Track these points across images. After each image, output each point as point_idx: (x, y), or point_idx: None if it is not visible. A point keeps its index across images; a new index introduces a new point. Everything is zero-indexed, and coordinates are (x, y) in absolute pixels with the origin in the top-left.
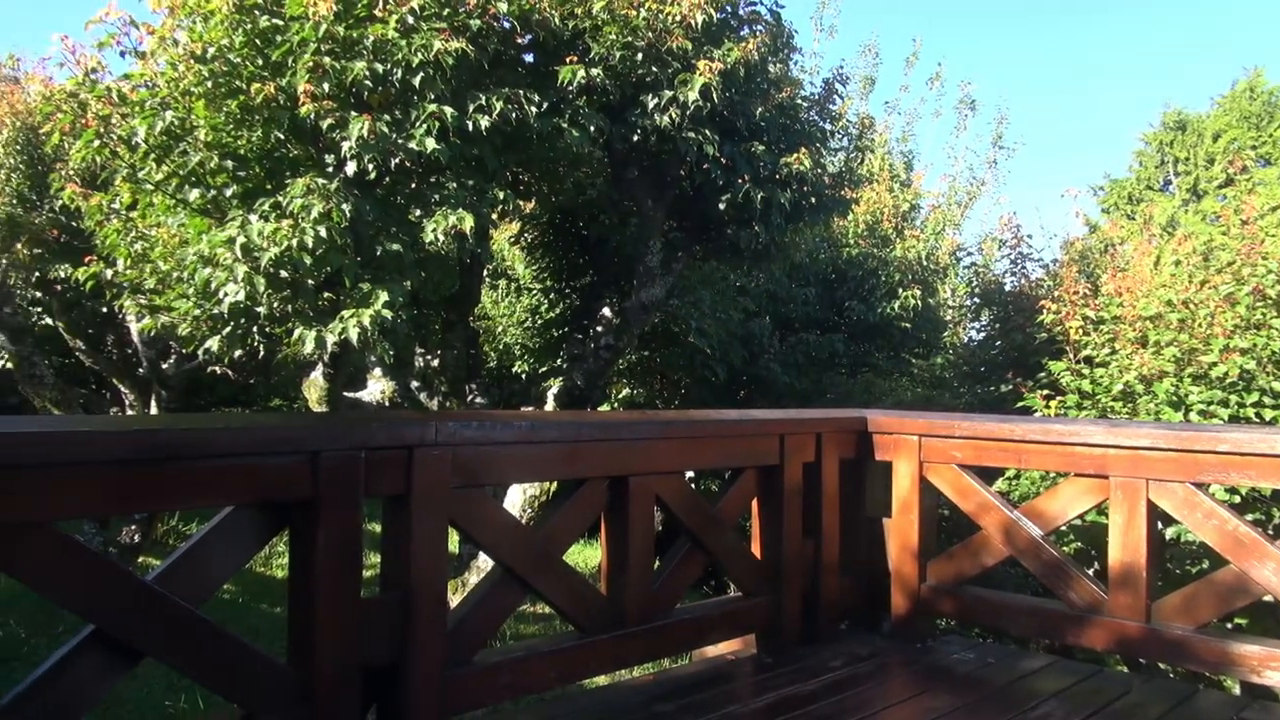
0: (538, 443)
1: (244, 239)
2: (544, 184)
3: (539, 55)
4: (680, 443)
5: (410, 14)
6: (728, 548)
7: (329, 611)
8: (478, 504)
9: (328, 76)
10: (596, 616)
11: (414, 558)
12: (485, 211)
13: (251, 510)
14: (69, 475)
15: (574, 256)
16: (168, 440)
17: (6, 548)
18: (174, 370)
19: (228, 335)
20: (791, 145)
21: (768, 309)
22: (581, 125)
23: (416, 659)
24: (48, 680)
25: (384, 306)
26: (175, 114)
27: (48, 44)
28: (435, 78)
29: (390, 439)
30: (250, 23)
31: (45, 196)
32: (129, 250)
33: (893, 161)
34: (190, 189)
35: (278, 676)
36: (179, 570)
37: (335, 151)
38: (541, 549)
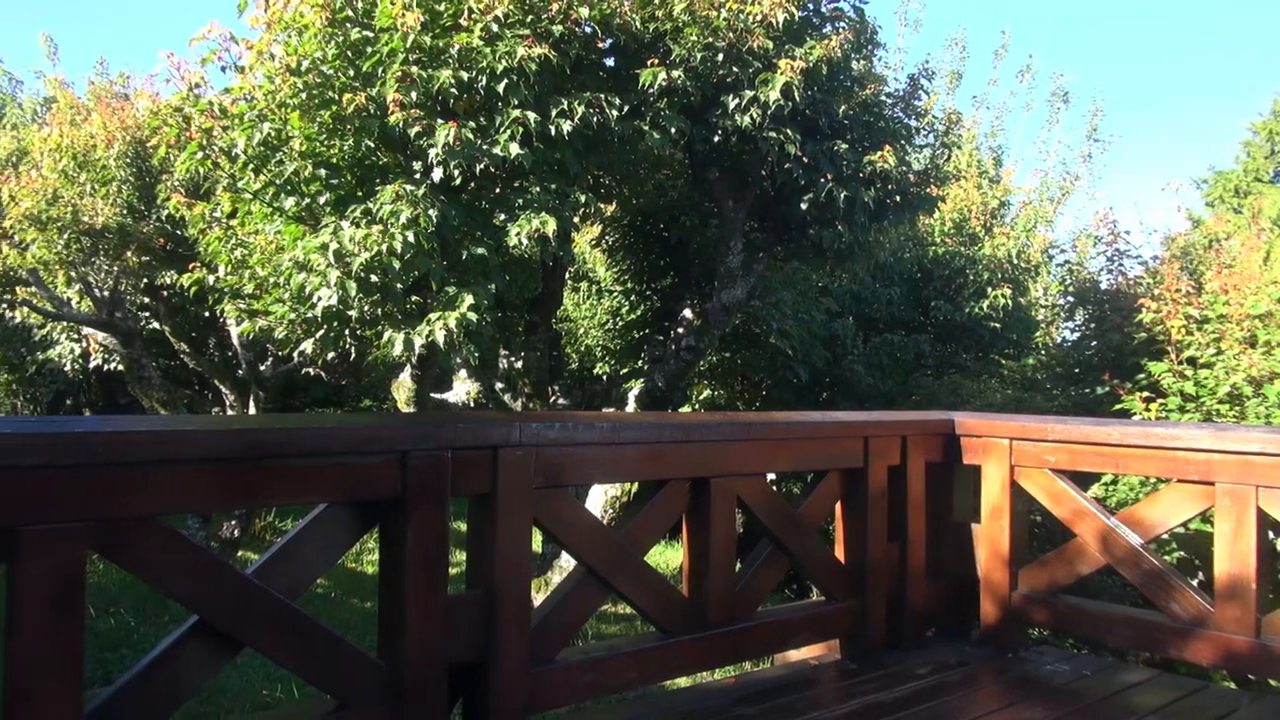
0: (619, 444)
1: (336, 245)
2: (625, 186)
3: (620, 59)
4: (762, 444)
5: (494, 22)
6: (810, 551)
7: (417, 608)
8: (560, 504)
9: (415, 85)
10: (678, 618)
11: (499, 556)
12: (567, 215)
13: (344, 508)
14: (175, 472)
15: (655, 258)
16: (265, 439)
17: (118, 540)
18: (271, 372)
19: (321, 338)
20: (875, 143)
21: (851, 309)
22: (662, 127)
23: (501, 656)
24: (156, 667)
25: (469, 309)
26: (272, 125)
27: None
28: (518, 84)
29: (476, 439)
30: (342, 35)
31: (153, 207)
32: (229, 257)
33: (981, 157)
34: (286, 197)
35: (368, 670)
36: (276, 564)
37: (423, 158)
38: (623, 549)
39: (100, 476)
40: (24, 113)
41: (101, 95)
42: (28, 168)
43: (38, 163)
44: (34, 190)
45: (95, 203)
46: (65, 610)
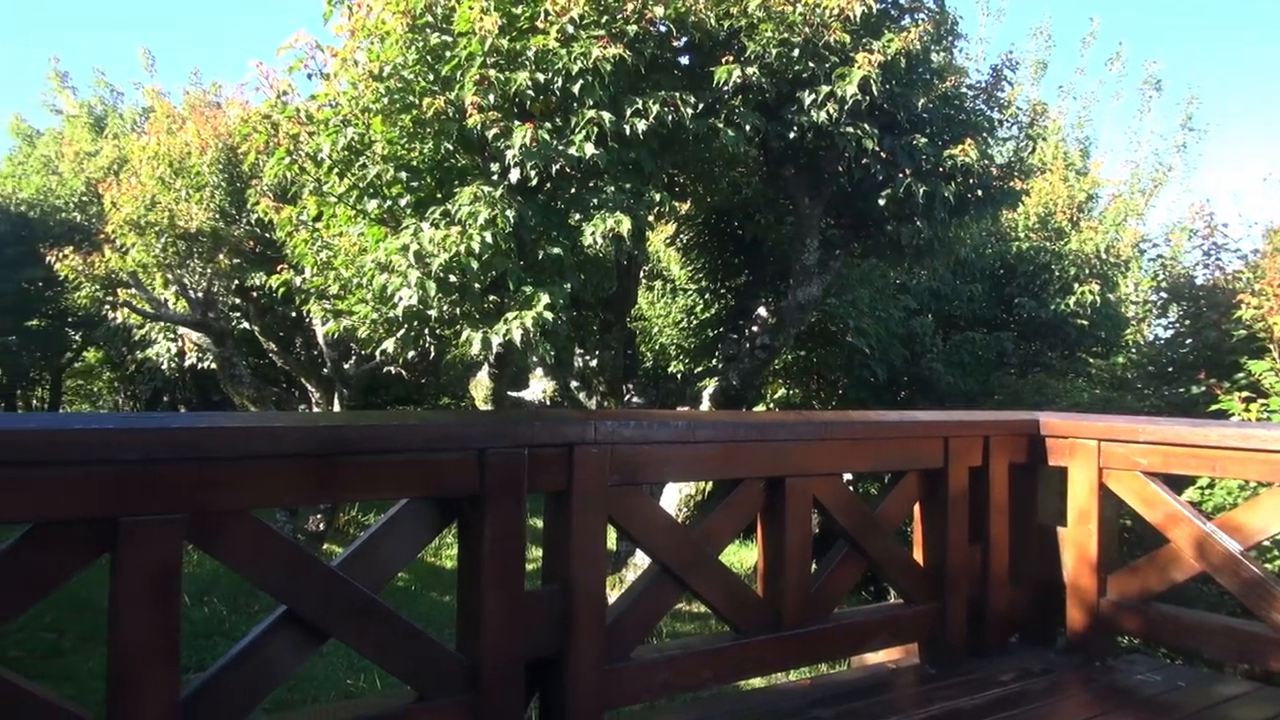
0: (694, 442)
1: (417, 246)
2: (700, 185)
3: (694, 56)
4: (839, 444)
5: (570, 23)
6: (888, 553)
7: (494, 602)
8: (635, 501)
9: (493, 88)
10: (753, 618)
11: (574, 553)
12: (642, 214)
13: (424, 503)
14: (264, 467)
15: (729, 256)
16: (349, 436)
17: (212, 532)
18: (354, 370)
19: (402, 337)
20: (956, 136)
21: (930, 307)
22: (737, 124)
23: (577, 652)
24: (247, 654)
25: (545, 308)
26: (355, 130)
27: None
28: (594, 84)
29: (552, 437)
30: (422, 40)
31: (243, 211)
32: (315, 259)
33: (1067, 149)
34: (369, 200)
35: (447, 662)
36: (360, 557)
37: (500, 160)
38: (698, 548)
39: (195, 471)
40: (124, 122)
41: (195, 104)
42: (128, 175)
43: (137, 170)
44: (134, 196)
45: (190, 208)
46: (163, 598)
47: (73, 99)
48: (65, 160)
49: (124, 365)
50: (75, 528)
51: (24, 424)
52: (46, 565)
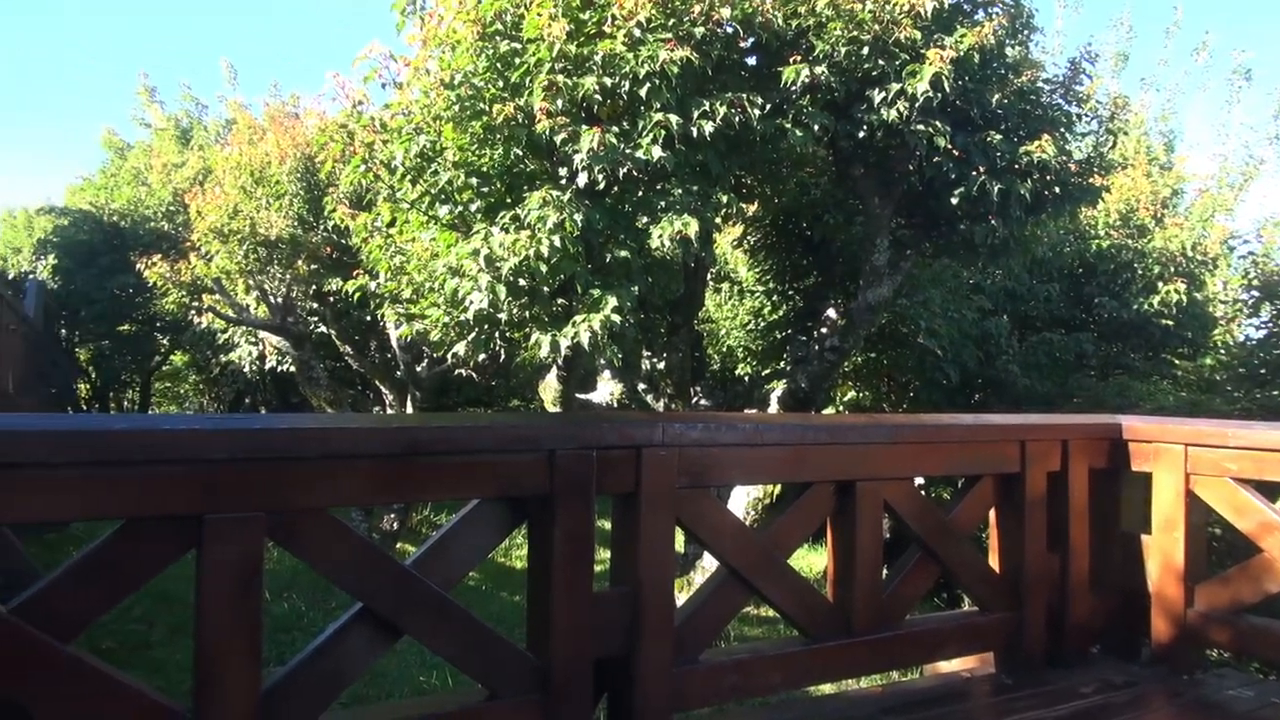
0: (762, 445)
1: (487, 250)
2: (767, 186)
3: (762, 57)
4: (910, 447)
5: (637, 27)
6: (962, 559)
7: (564, 603)
8: (703, 504)
9: (561, 93)
10: (823, 623)
11: (642, 554)
12: (709, 216)
13: (495, 504)
14: (341, 467)
15: (798, 257)
16: (422, 437)
17: (291, 530)
18: (426, 373)
19: (473, 340)
20: (1032, 132)
21: (1005, 307)
22: (805, 125)
23: (645, 653)
24: (324, 650)
25: (613, 311)
26: (428, 137)
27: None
28: (661, 87)
29: (620, 439)
30: (492, 48)
31: (320, 218)
32: (389, 264)
33: (1150, 143)
34: (440, 206)
35: (518, 661)
36: (432, 557)
37: (568, 164)
38: (766, 551)
39: (276, 470)
40: (209, 134)
41: (275, 115)
42: (212, 185)
43: (220, 180)
44: (217, 205)
45: (270, 215)
46: (246, 593)
47: (161, 113)
48: (154, 171)
49: (209, 368)
50: (164, 524)
51: (117, 424)
52: (137, 560)
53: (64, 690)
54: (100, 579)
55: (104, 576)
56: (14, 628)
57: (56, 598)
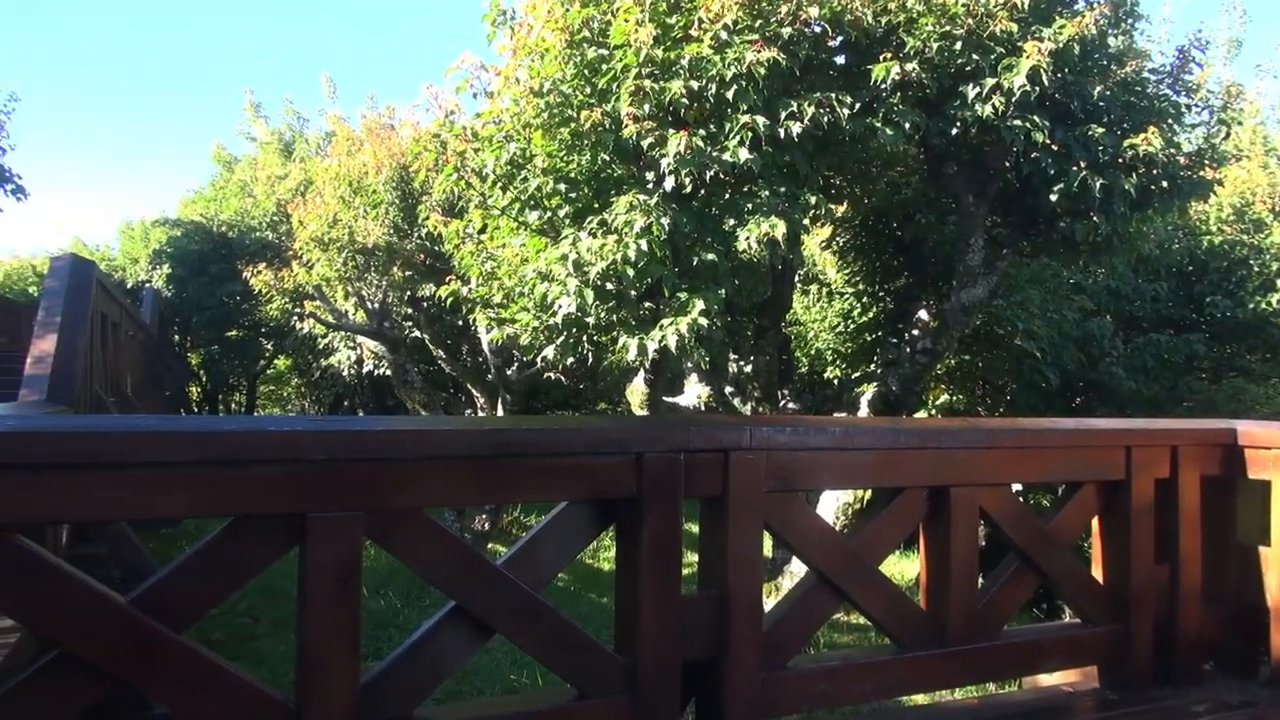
0: (852, 449)
1: (575, 255)
2: (856, 186)
3: (850, 55)
4: (1008, 452)
5: (724, 30)
6: (1063, 569)
7: (651, 605)
8: (792, 508)
9: (648, 98)
10: (915, 631)
11: (730, 558)
12: (797, 217)
13: (583, 506)
14: (436, 468)
15: (888, 258)
16: (514, 439)
17: (388, 529)
18: (516, 376)
19: (561, 344)
20: (1137, 125)
21: (1108, 307)
22: (895, 123)
23: (734, 657)
24: (419, 646)
25: (700, 314)
26: (518, 145)
27: (417, 92)
28: (747, 89)
29: (707, 442)
30: (580, 55)
31: (414, 225)
32: (480, 269)
33: (1267, 133)
34: (530, 212)
35: (607, 662)
36: (523, 557)
37: (655, 168)
38: (856, 557)
39: (373, 471)
40: (309, 146)
41: (372, 127)
42: (313, 195)
43: (321, 190)
44: (318, 215)
45: (367, 224)
46: (346, 590)
47: (265, 127)
48: (259, 183)
49: (309, 372)
50: (269, 522)
51: (226, 426)
52: (244, 556)
53: (177, 678)
54: (211, 573)
55: (214, 571)
56: (133, 617)
57: (171, 590)
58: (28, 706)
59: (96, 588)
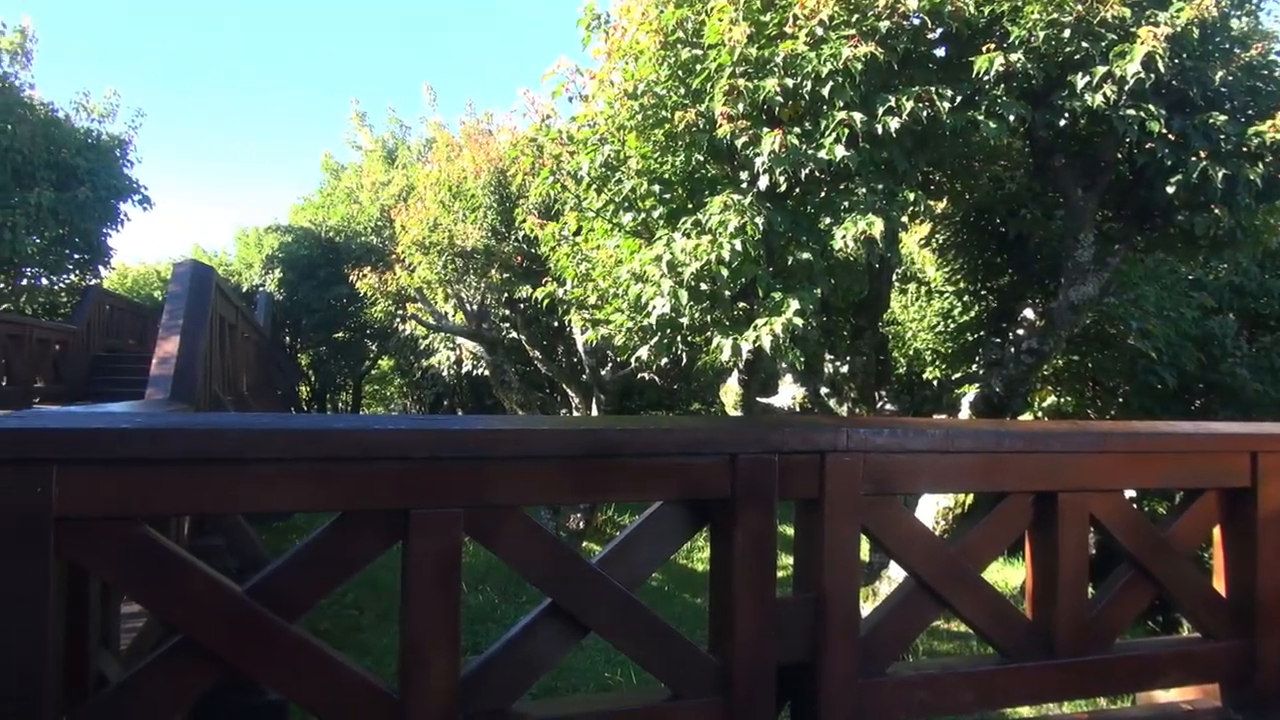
0: (953, 452)
1: (669, 256)
2: (957, 182)
3: (951, 47)
4: (1120, 457)
5: (819, 26)
6: (1180, 580)
7: (746, 607)
8: (889, 512)
9: (741, 97)
10: (1021, 641)
11: (826, 561)
12: (895, 215)
13: (677, 506)
14: (532, 467)
15: (991, 255)
16: (608, 439)
17: (490, 526)
18: (611, 376)
19: (655, 344)
20: (1263, 111)
21: (1231, 304)
22: (999, 115)
23: (829, 662)
24: (516, 642)
25: (795, 314)
26: (612, 147)
27: (514, 98)
28: (843, 85)
29: (803, 443)
30: (673, 56)
31: (511, 228)
32: (575, 271)
33: None
34: (624, 213)
35: (701, 663)
36: (617, 556)
37: (749, 167)
38: (958, 563)
39: (473, 469)
40: (411, 153)
41: (470, 133)
42: (414, 200)
43: (422, 196)
44: (419, 220)
45: (466, 228)
46: (446, 584)
47: (370, 135)
48: (364, 190)
49: (411, 372)
50: (375, 517)
51: (336, 424)
52: (351, 550)
53: (289, 666)
54: (320, 566)
55: (323, 564)
56: (248, 607)
57: (283, 581)
58: (153, 688)
59: (216, 577)
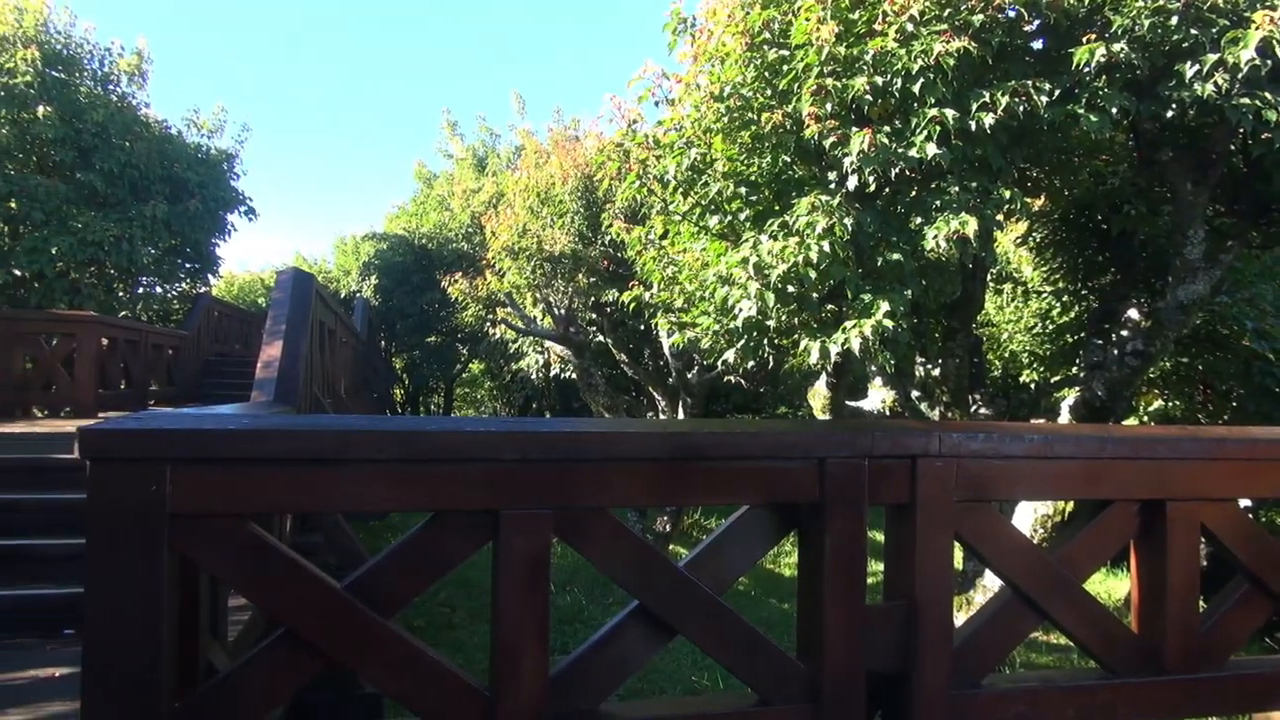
0: (1053, 458)
1: (755, 258)
2: (1055, 178)
3: (1049, 39)
4: (1235, 464)
5: (910, 22)
6: None
7: (835, 614)
8: (984, 519)
9: (829, 97)
10: (1125, 656)
11: (918, 569)
12: (989, 213)
13: (764, 510)
14: (620, 469)
15: (1092, 254)
16: (695, 442)
17: (575, 527)
18: (697, 379)
19: (742, 347)
20: None
21: None
22: (1100, 108)
23: (922, 673)
24: (604, 643)
25: (885, 316)
26: (698, 150)
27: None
28: (935, 81)
29: (893, 448)
30: (760, 57)
31: (598, 233)
32: (661, 275)
33: None
34: (710, 216)
35: (788, 669)
36: (704, 559)
37: (837, 168)
38: (1057, 573)
39: (561, 471)
40: (501, 160)
41: (558, 140)
42: (504, 207)
43: (511, 202)
44: (509, 226)
45: (554, 233)
46: (535, 584)
47: (460, 144)
48: (455, 198)
49: (501, 375)
50: (467, 517)
51: (429, 426)
52: (444, 548)
53: (386, 660)
54: (415, 564)
55: (418, 562)
56: (347, 602)
57: (380, 578)
58: (258, 678)
59: (317, 573)
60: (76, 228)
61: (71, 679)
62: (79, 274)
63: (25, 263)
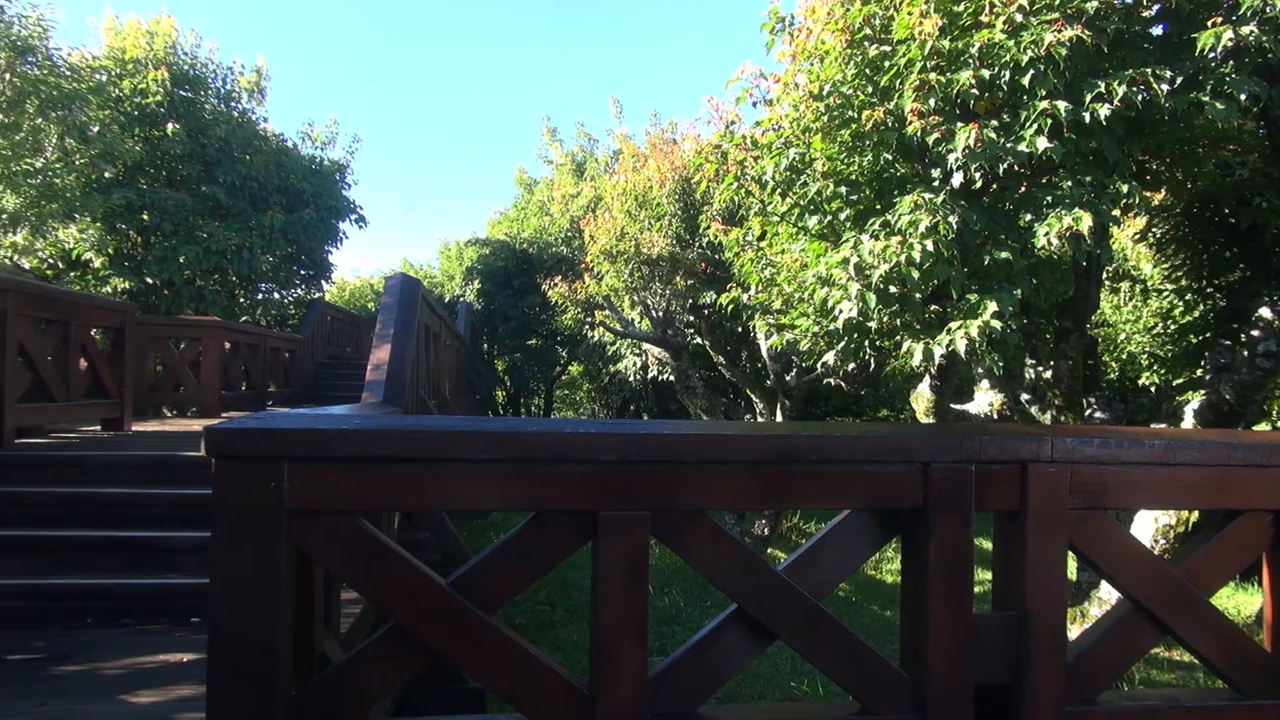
0: (1175, 465)
1: (856, 259)
2: (1178, 170)
3: (1170, 24)
4: None
5: (1018, 12)
6: None
7: (940, 622)
8: (1101, 528)
9: (933, 92)
10: (1258, 676)
11: (1029, 578)
12: (1105, 208)
13: (865, 515)
14: (718, 472)
15: (1218, 249)
16: (796, 445)
17: (673, 528)
18: (795, 382)
19: (842, 349)
20: None
21: None
22: (1228, 95)
23: (1033, 686)
24: (704, 645)
25: (992, 317)
26: (797, 150)
27: (698, 106)
28: (1046, 72)
29: (1002, 453)
30: (860, 54)
31: (695, 235)
32: (759, 276)
33: None
34: (809, 216)
35: (892, 679)
36: (804, 564)
37: (941, 164)
38: (1182, 586)
39: (659, 473)
40: (599, 165)
41: (655, 143)
42: (602, 211)
43: (609, 206)
44: (607, 229)
45: (652, 236)
46: (634, 584)
47: (560, 150)
48: (555, 203)
49: (599, 377)
50: (567, 517)
51: (529, 427)
52: (545, 547)
53: (489, 656)
54: (517, 562)
55: (519, 560)
56: (452, 598)
57: (483, 575)
58: (369, 669)
59: (423, 569)
60: (202, 237)
61: (198, 664)
62: (204, 281)
63: (156, 271)
